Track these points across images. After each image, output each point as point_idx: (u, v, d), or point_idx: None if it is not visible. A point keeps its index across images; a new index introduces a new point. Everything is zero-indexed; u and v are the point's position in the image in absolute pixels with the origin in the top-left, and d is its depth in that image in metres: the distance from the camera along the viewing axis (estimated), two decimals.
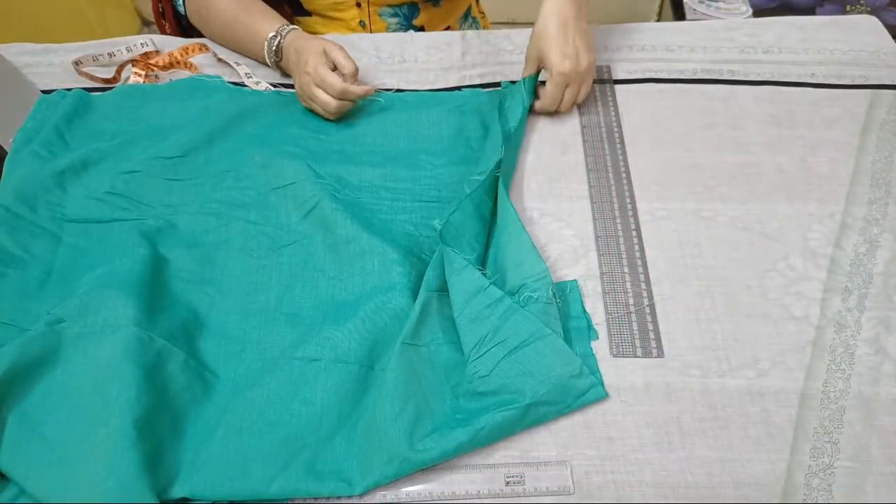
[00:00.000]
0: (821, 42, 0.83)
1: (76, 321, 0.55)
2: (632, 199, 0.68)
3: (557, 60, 0.70)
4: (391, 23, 0.91)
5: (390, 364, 0.54)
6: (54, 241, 0.64)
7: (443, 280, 0.59)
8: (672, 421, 0.54)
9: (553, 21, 0.70)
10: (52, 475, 0.49)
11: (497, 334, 0.54)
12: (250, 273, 0.63)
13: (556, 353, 0.54)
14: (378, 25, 0.91)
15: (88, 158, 0.69)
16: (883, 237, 0.65)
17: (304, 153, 0.71)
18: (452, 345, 0.57)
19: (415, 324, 0.55)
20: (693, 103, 0.77)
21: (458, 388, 0.55)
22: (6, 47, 0.84)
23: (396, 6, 0.90)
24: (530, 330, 0.54)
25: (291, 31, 0.76)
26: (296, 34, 0.75)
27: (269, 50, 0.77)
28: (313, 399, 0.54)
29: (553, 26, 0.70)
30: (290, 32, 0.76)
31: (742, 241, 0.65)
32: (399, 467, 0.50)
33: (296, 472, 0.50)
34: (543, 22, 0.70)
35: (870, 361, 0.57)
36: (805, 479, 0.51)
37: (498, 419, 0.51)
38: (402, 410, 0.51)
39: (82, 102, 0.75)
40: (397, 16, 0.91)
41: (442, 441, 0.50)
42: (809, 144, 0.72)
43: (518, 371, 0.53)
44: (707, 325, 0.59)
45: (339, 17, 0.90)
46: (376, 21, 0.90)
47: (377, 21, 0.90)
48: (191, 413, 0.54)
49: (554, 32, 0.70)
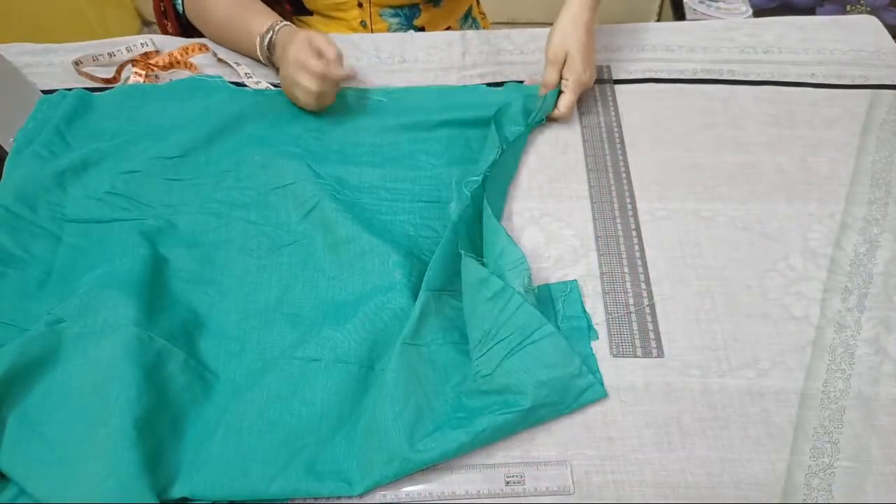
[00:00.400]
0: (821, 42, 0.83)
1: (76, 321, 0.55)
2: (632, 199, 0.68)
3: (582, 69, 0.70)
4: (392, 23, 0.91)
5: (390, 364, 0.54)
6: (54, 241, 0.64)
7: (443, 280, 0.59)
8: (672, 421, 0.54)
9: (581, 26, 0.69)
10: (52, 475, 0.49)
11: (500, 331, 0.54)
12: (250, 273, 0.63)
13: (557, 351, 0.53)
14: (379, 25, 0.91)
15: (89, 158, 0.69)
16: (883, 237, 0.65)
17: (304, 153, 0.71)
18: (453, 345, 0.57)
19: (415, 324, 0.55)
20: (693, 103, 0.77)
21: (460, 387, 0.55)
22: (6, 47, 0.84)
23: (398, 7, 0.90)
24: (532, 326, 0.54)
25: (284, 27, 0.76)
26: (287, 30, 0.75)
27: (262, 46, 0.76)
28: (313, 399, 0.54)
29: (582, 32, 0.70)
30: (283, 28, 0.76)
31: (742, 241, 0.65)
32: (399, 467, 0.50)
33: (296, 472, 0.50)
34: (571, 26, 0.70)
35: (870, 361, 0.57)
36: (805, 479, 0.51)
37: (499, 421, 0.51)
38: (403, 410, 0.51)
39: (83, 102, 0.75)
40: (398, 16, 0.91)
41: (442, 441, 0.50)
42: (809, 144, 0.72)
43: (520, 369, 0.53)
44: (707, 325, 0.59)
45: (341, 17, 0.90)
46: (377, 21, 0.91)
47: (378, 21, 0.91)
48: (191, 413, 0.54)
49: (583, 39, 0.70)
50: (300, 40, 0.71)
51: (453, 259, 0.60)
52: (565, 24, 0.70)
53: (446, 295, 0.59)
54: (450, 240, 0.60)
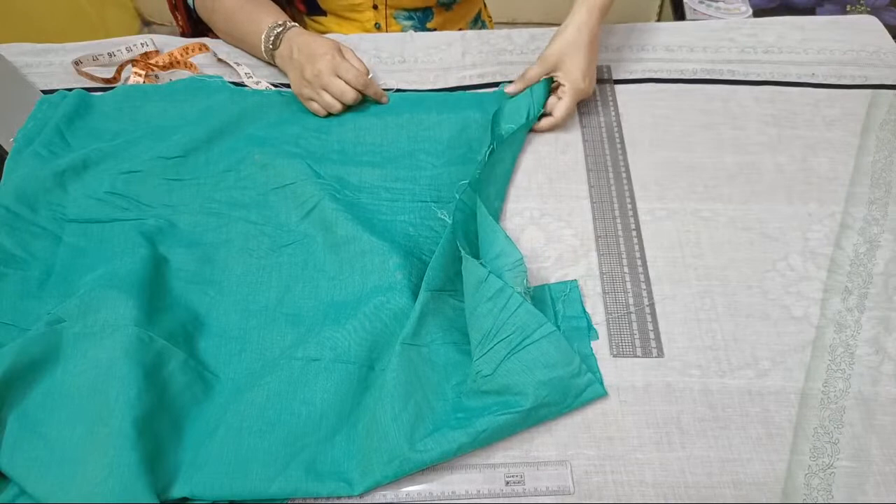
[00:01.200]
0: (821, 42, 0.83)
1: (76, 321, 0.55)
2: (632, 199, 0.68)
3: (580, 77, 0.70)
4: (406, 25, 0.91)
5: (390, 364, 0.54)
6: (55, 241, 0.64)
7: (442, 280, 0.59)
8: (672, 421, 0.54)
9: (585, 34, 0.69)
10: (52, 475, 0.49)
11: (500, 331, 0.53)
12: (250, 273, 0.63)
13: (558, 351, 0.53)
14: (393, 28, 0.91)
15: (89, 158, 0.69)
16: (883, 237, 0.65)
17: (305, 153, 0.71)
18: (453, 345, 0.57)
19: (415, 324, 0.55)
20: (693, 103, 0.77)
21: (461, 387, 0.55)
22: (6, 47, 0.84)
23: (412, 9, 0.90)
24: (532, 325, 0.53)
25: (295, 27, 0.76)
26: (299, 30, 0.76)
27: (268, 38, 0.76)
28: (313, 399, 0.54)
29: (585, 40, 0.69)
30: (294, 28, 0.76)
31: (742, 241, 0.65)
32: (399, 467, 0.50)
33: (296, 472, 0.50)
34: (575, 32, 0.69)
35: (870, 361, 0.57)
36: (805, 479, 0.51)
37: (500, 422, 0.51)
38: (403, 410, 0.51)
39: (83, 103, 0.75)
40: (412, 19, 0.91)
41: (442, 441, 0.50)
42: (809, 144, 0.72)
43: (520, 369, 0.52)
44: (707, 325, 0.59)
45: (356, 19, 0.90)
46: (392, 23, 0.91)
47: (392, 23, 0.91)
48: (191, 413, 0.54)
49: (584, 47, 0.69)
50: (329, 48, 0.72)
51: (453, 259, 0.60)
52: (569, 30, 0.70)
53: (446, 294, 0.59)
54: (449, 240, 0.60)
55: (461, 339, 0.57)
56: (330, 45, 0.73)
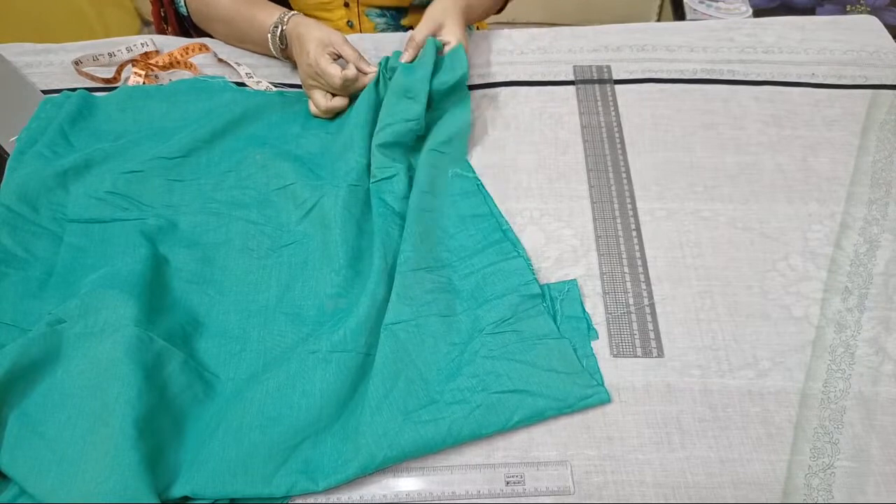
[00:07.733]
0: (821, 42, 0.83)
1: (77, 321, 0.55)
2: (632, 199, 0.68)
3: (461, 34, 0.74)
4: (378, 23, 0.91)
5: (379, 348, 0.55)
6: (56, 241, 0.64)
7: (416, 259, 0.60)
8: (672, 421, 0.54)
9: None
10: (53, 475, 0.49)
11: (517, 324, 0.57)
12: (250, 273, 0.63)
13: (563, 356, 0.56)
14: (366, 25, 0.91)
15: (91, 159, 0.69)
16: (883, 237, 0.65)
17: (305, 153, 0.71)
18: (437, 316, 0.58)
19: (395, 306, 0.57)
20: (693, 103, 0.77)
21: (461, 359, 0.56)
22: (6, 47, 0.84)
23: (384, 7, 0.90)
24: (545, 331, 0.57)
25: (293, 17, 0.76)
26: (297, 20, 0.75)
27: (274, 39, 0.77)
28: (312, 390, 0.54)
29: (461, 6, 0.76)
30: (292, 18, 0.76)
31: (742, 241, 0.65)
32: (394, 439, 0.50)
33: (295, 468, 0.50)
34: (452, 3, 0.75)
35: (870, 361, 0.57)
36: (805, 479, 0.51)
37: (493, 400, 0.52)
38: (393, 388, 0.53)
39: (86, 104, 0.75)
40: (384, 16, 0.91)
41: (436, 412, 0.52)
42: (809, 144, 0.72)
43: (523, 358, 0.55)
44: (707, 325, 0.59)
45: (327, 17, 0.90)
46: (364, 21, 0.90)
47: (365, 21, 0.90)
48: (191, 413, 0.54)
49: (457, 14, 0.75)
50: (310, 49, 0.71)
51: (422, 237, 0.62)
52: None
53: (422, 271, 0.60)
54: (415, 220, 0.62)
55: (447, 309, 0.59)
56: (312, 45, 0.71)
